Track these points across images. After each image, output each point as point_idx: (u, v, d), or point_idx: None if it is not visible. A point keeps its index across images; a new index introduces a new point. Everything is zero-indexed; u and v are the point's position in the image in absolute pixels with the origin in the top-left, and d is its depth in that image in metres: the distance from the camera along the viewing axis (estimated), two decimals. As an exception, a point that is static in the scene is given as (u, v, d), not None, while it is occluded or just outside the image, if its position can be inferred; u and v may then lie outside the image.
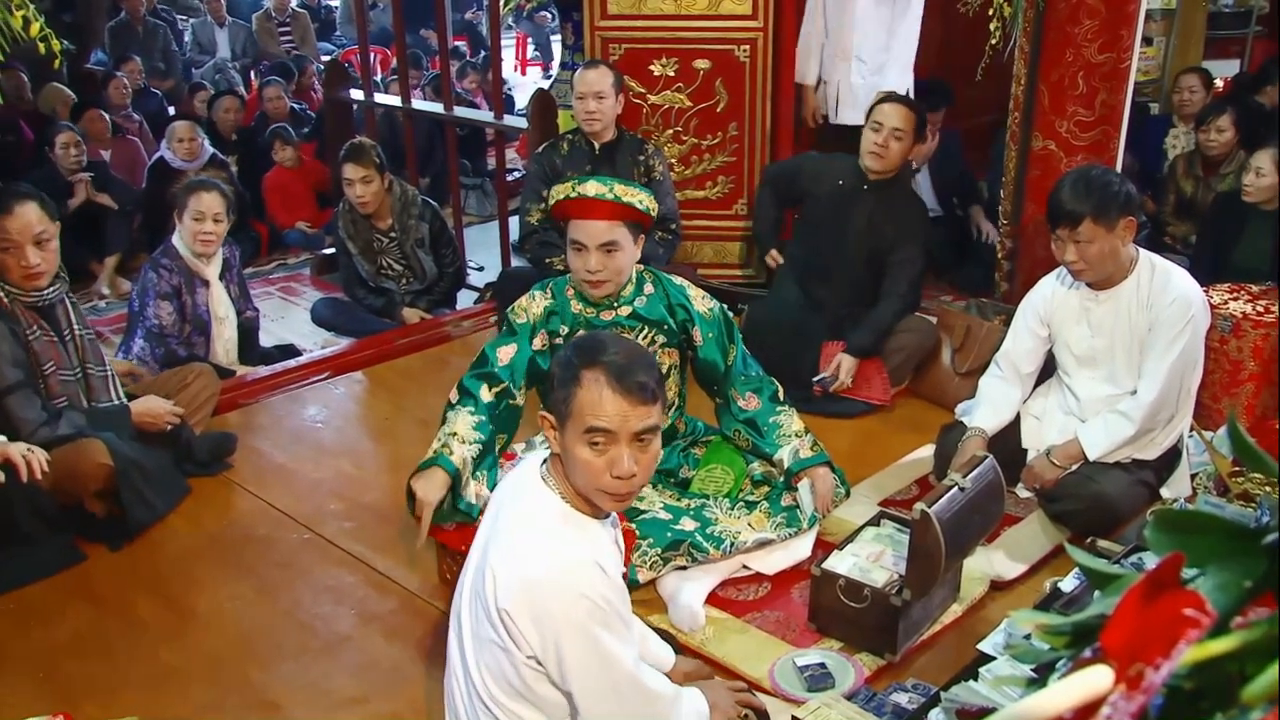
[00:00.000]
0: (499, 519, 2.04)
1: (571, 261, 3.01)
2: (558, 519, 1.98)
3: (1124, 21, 3.83)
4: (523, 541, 1.94)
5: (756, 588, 3.01)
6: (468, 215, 6.74)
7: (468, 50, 10.93)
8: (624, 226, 2.94)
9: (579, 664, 1.91)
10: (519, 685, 1.94)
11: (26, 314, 3.26)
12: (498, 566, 1.91)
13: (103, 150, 6.54)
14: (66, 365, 3.35)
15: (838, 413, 4.00)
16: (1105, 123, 3.95)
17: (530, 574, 1.88)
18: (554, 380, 2.01)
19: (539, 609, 1.87)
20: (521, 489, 2.04)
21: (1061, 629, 0.81)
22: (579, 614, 1.88)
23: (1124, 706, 0.62)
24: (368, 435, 4.21)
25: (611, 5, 4.86)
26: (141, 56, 8.52)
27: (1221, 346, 3.67)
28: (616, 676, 1.94)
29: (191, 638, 2.91)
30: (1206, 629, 0.64)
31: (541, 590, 1.88)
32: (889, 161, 4.01)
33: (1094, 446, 3.16)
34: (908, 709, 2.37)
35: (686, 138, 4.99)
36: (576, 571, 1.90)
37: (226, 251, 4.39)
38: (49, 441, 3.15)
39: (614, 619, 1.94)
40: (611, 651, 1.92)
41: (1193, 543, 0.73)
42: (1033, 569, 3.08)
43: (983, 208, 5.27)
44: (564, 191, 2.97)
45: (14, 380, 3.15)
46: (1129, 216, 3.04)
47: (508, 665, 1.93)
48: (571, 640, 1.89)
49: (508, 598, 1.88)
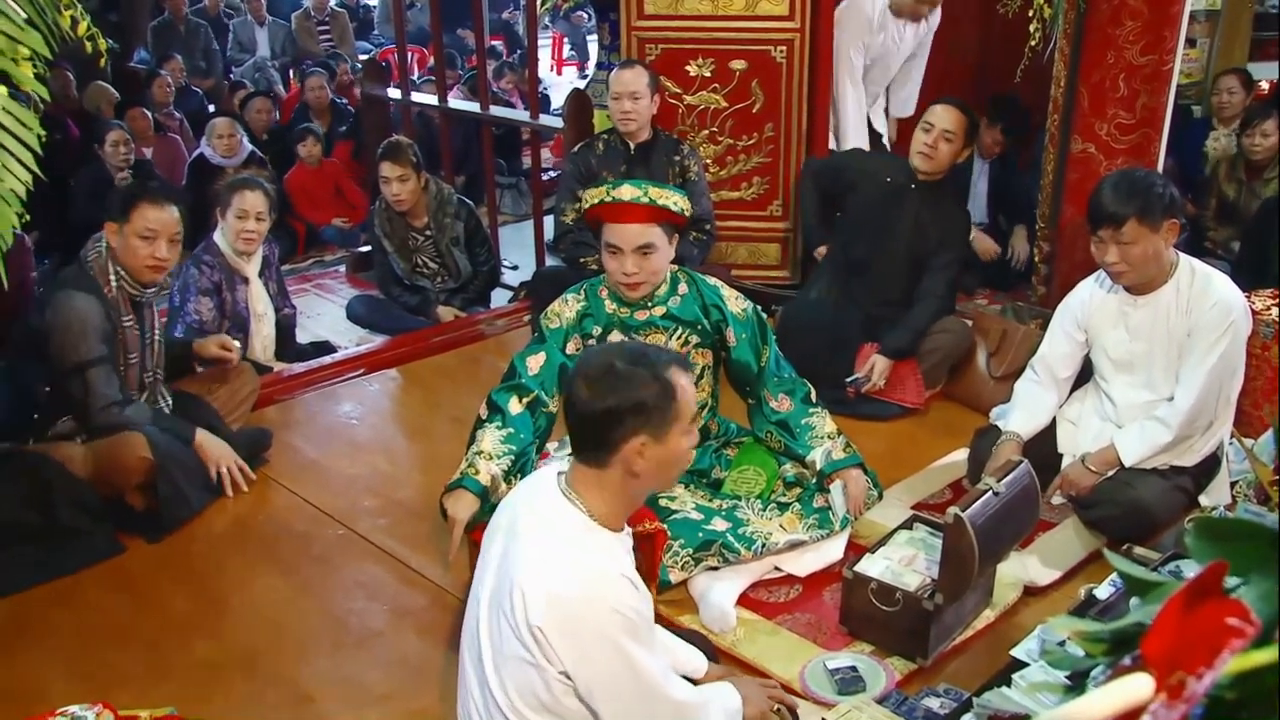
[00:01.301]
0: (517, 533, 1.99)
1: (607, 264, 3.00)
2: (581, 531, 1.96)
3: (1167, 23, 3.78)
4: (550, 557, 1.91)
5: (788, 589, 3.00)
6: (503, 214, 6.76)
7: (504, 50, 10.97)
8: (659, 228, 2.94)
9: (611, 677, 1.90)
10: (547, 699, 1.92)
11: (125, 303, 3.40)
12: (525, 584, 1.88)
13: (145, 148, 6.61)
14: (142, 363, 3.49)
15: (871, 415, 3.98)
16: (1146, 125, 3.91)
17: (561, 590, 1.87)
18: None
19: (571, 624, 1.86)
20: (539, 502, 2.01)
21: (1100, 636, 0.81)
22: (612, 628, 1.87)
23: (1165, 715, 0.61)
24: (402, 432, 4.24)
25: (648, 5, 4.86)
26: (183, 55, 8.63)
27: (1263, 353, 3.62)
28: (646, 688, 1.94)
29: (227, 631, 2.93)
30: (1250, 639, 0.63)
31: (574, 606, 1.87)
32: (937, 163, 3.98)
33: (1130, 453, 3.12)
34: (939, 714, 2.36)
35: (722, 138, 4.98)
36: (606, 585, 1.89)
37: (266, 249, 4.43)
38: (109, 425, 3.25)
39: (644, 631, 1.94)
40: (642, 663, 1.92)
41: (1236, 551, 0.72)
42: (1067, 575, 3.05)
43: (1026, 230, 5.08)
44: (598, 196, 2.96)
45: (100, 354, 3.26)
46: (1173, 218, 3.01)
47: (537, 680, 1.90)
48: (603, 654, 1.88)
49: (539, 615, 1.85)
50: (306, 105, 7.81)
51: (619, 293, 3.03)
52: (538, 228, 5.84)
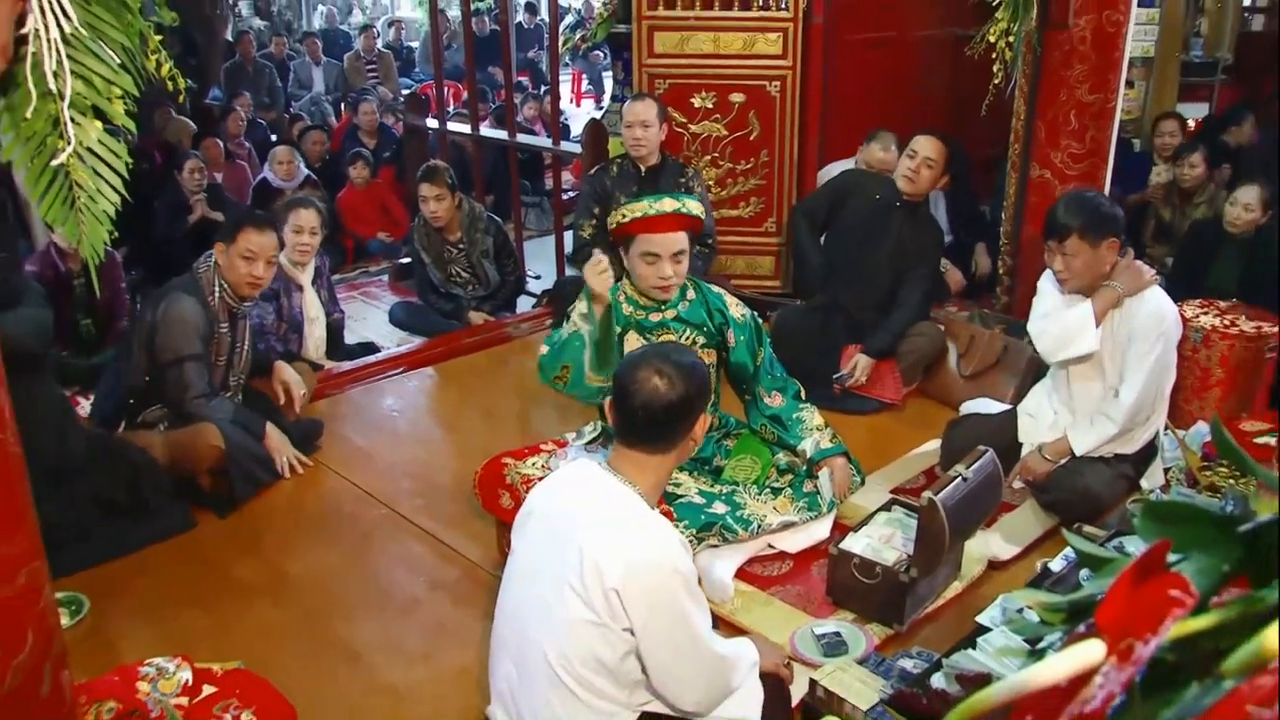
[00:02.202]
0: (576, 518, 1.98)
1: (642, 272, 2.95)
2: (639, 507, 1.98)
3: (1110, 67, 3.82)
4: (621, 530, 1.93)
5: (780, 564, 3.01)
6: (527, 230, 6.75)
7: (529, 85, 10.96)
8: (687, 235, 2.96)
9: (670, 630, 1.92)
10: (608, 658, 1.93)
11: (224, 312, 3.46)
12: (599, 555, 1.88)
13: (216, 173, 6.63)
14: (230, 366, 3.55)
15: (855, 409, 3.98)
16: (1094, 155, 3.92)
17: (635, 556, 1.88)
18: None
19: (644, 584, 1.88)
20: (594, 488, 2.01)
21: (1059, 606, 0.81)
22: (676, 586, 1.90)
23: (1115, 676, 0.62)
24: (438, 424, 4.25)
25: (658, 45, 4.87)
26: (251, 92, 8.66)
27: (1193, 355, 3.63)
28: (697, 639, 1.96)
29: (287, 596, 2.95)
30: (1189, 608, 0.64)
31: (647, 570, 1.88)
32: (919, 186, 3.98)
33: (1081, 444, 3.13)
34: (913, 673, 2.36)
35: (723, 162, 4.99)
36: (672, 550, 1.92)
37: (318, 260, 4.45)
38: (196, 414, 3.31)
39: (697, 589, 1.97)
40: (695, 618, 1.94)
41: (1178, 531, 0.73)
42: (1025, 551, 3.06)
43: (986, 244, 5.07)
44: (640, 210, 2.90)
45: (197, 351, 3.33)
46: (1113, 237, 3.00)
47: (600, 642, 1.91)
48: (668, 610, 1.90)
49: (616, 579, 1.87)
50: (357, 129, 7.83)
51: (652, 295, 3.01)
52: (558, 241, 5.84)
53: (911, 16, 5.50)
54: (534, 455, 3.11)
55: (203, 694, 2.14)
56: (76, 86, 1.57)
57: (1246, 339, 3.63)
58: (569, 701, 1.96)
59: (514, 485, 2.97)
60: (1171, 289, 3.21)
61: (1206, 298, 3.97)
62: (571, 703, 1.96)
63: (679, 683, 1.98)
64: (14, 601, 1.71)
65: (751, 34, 4.79)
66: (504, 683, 2.10)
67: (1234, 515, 0.73)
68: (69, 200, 1.67)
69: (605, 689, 1.97)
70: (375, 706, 2.51)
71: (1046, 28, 3.87)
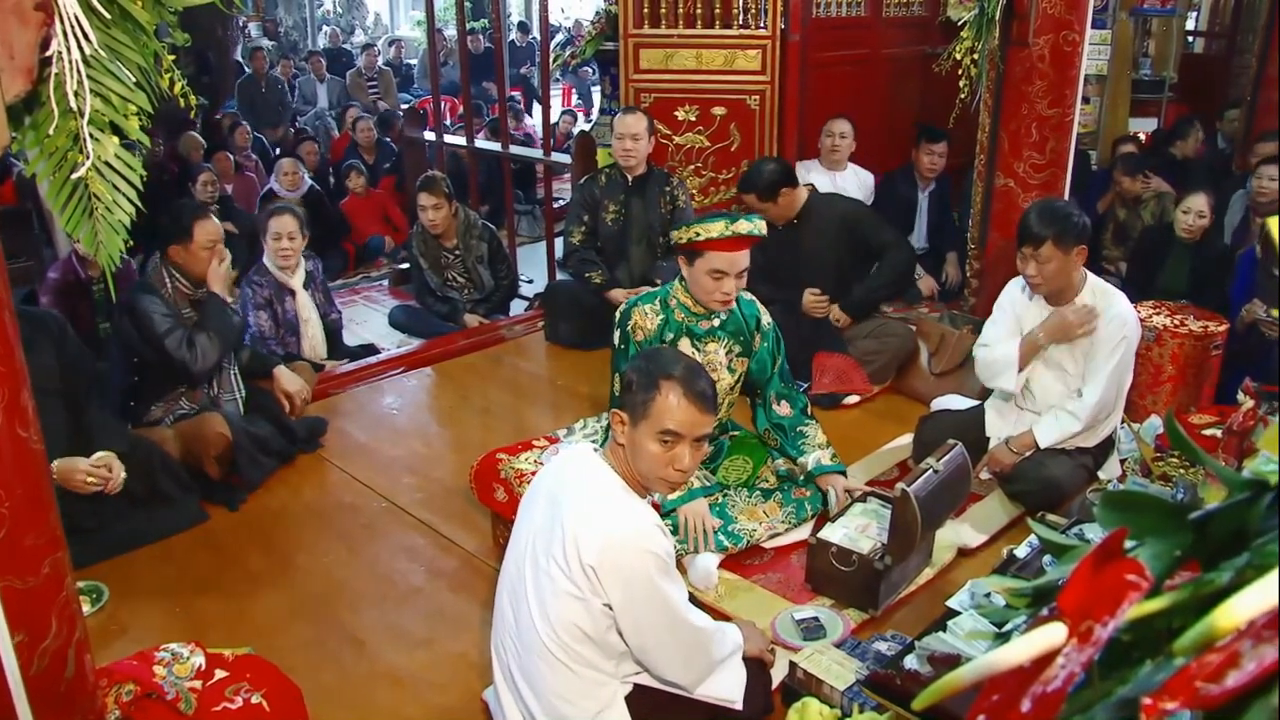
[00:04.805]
0: (564, 494, 2.02)
1: (707, 285, 2.88)
2: (621, 491, 2.01)
3: (1067, 83, 3.85)
4: (599, 509, 1.96)
5: (762, 554, 3.01)
6: (520, 236, 6.74)
7: (522, 99, 10.93)
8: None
9: (645, 605, 1.94)
10: (590, 630, 1.96)
11: (182, 299, 3.48)
12: (579, 531, 1.92)
13: (227, 184, 6.60)
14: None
15: (830, 405, 3.99)
16: (1054, 165, 3.94)
17: (611, 535, 1.91)
18: (631, 385, 2.02)
19: (617, 561, 1.90)
20: (583, 470, 2.06)
21: (1024, 592, 0.82)
22: (649, 566, 1.92)
23: (1075, 657, 0.63)
24: (435, 421, 4.23)
25: (644, 61, 4.87)
26: (261, 106, 8.63)
27: (1146, 353, 3.65)
28: (672, 613, 1.98)
29: (294, 584, 2.95)
30: (1145, 592, 0.65)
31: (621, 548, 1.91)
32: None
33: (1045, 438, 3.15)
34: (887, 655, 2.37)
35: (705, 172, 5.00)
36: (646, 531, 1.94)
37: (310, 265, 4.44)
38: (193, 349, 3.35)
39: (672, 569, 1.99)
40: (670, 596, 1.96)
41: (1134, 519, 0.73)
42: (993, 539, 3.08)
43: (957, 256, 5.05)
44: (717, 230, 2.80)
45: (169, 326, 3.36)
46: (1082, 244, 3.03)
47: (582, 614, 1.94)
48: (642, 587, 1.92)
49: (593, 556, 1.90)
50: (356, 144, 7.80)
51: (714, 309, 2.96)
52: (549, 248, 5.84)
53: (883, 35, 5.53)
54: (527, 451, 3.12)
55: (215, 678, 2.14)
56: (95, 104, 1.57)
57: (1195, 338, 3.66)
58: (560, 671, 1.99)
59: (508, 480, 2.97)
60: (1125, 291, 3.24)
61: (1158, 299, 4.00)
62: (562, 672, 1.99)
63: (659, 656, 2.02)
64: (39, 590, 1.72)
65: (732, 51, 4.80)
66: (503, 653, 2.13)
67: (1185, 503, 0.74)
68: (88, 211, 1.67)
69: (593, 659, 2.00)
70: (378, 689, 2.51)
71: (1009, 46, 3.89)
